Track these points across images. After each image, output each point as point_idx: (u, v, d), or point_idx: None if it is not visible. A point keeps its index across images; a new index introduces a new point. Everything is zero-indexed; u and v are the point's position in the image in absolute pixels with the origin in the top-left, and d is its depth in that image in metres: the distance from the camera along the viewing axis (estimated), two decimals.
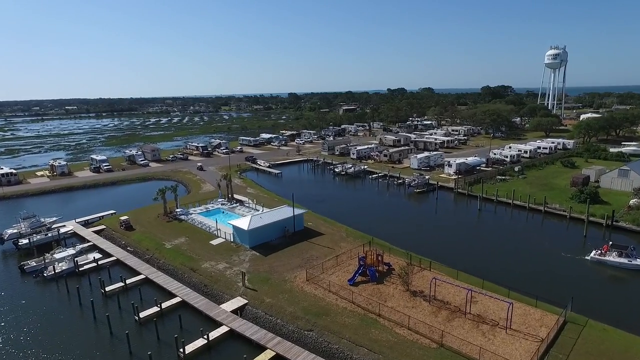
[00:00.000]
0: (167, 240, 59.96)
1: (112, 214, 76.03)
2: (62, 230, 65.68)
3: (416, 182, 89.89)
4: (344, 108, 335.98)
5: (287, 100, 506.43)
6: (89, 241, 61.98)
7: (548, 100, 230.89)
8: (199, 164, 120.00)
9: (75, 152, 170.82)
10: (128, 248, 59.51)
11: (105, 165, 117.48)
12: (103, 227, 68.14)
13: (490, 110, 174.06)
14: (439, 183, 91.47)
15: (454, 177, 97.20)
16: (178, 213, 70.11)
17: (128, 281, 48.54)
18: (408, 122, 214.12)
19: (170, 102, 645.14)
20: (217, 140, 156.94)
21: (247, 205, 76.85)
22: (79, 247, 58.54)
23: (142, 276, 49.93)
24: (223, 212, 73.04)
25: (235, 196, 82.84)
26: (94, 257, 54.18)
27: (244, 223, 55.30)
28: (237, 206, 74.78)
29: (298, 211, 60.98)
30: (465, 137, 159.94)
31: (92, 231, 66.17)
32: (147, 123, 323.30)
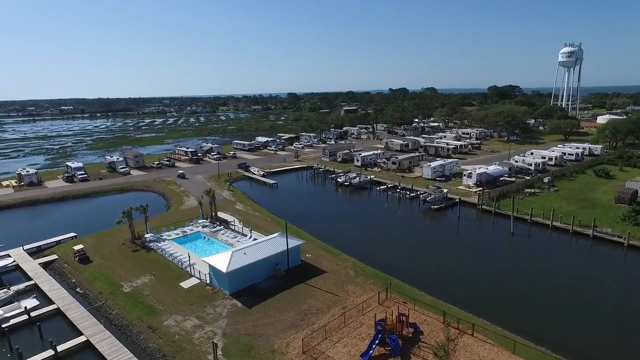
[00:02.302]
0: (127, 279, 47.28)
1: (72, 237, 63.48)
2: (1, 262, 52.98)
3: (433, 196, 77.14)
4: (345, 108, 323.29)
5: (287, 101, 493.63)
6: (30, 278, 49.25)
7: (560, 101, 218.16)
8: (181, 171, 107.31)
9: (56, 156, 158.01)
10: (77, 290, 46.82)
11: (80, 174, 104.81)
12: (55, 257, 55.49)
13: (504, 112, 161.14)
14: (457, 197, 79.03)
15: (474, 189, 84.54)
16: (147, 239, 57.39)
17: (61, 347, 35.77)
18: (414, 124, 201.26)
19: (167, 102, 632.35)
20: (209, 144, 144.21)
21: (233, 226, 64.23)
22: (14, 289, 45.87)
23: (82, 338, 37.14)
24: (204, 237, 60.36)
25: (221, 214, 70.15)
26: (25, 307, 41.41)
27: (222, 262, 42.56)
28: (220, 229, 62.03)
29: (293, 242, 48.28)
30: (478, 141, 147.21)
31: (40, 263, 53.45)
32: (140, 124, 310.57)
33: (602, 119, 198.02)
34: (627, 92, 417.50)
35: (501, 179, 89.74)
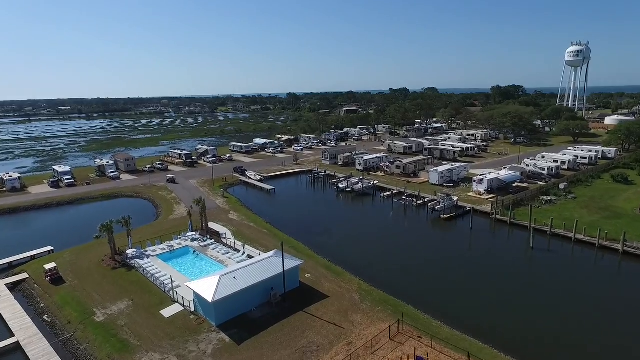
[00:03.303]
0: (101, 304, 41.59)
1: (49, 252, 57.89)
2: None
3: (442, 205, 71.47)
4: (345, 109, 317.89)
5: (286, 101, 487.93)
6: None
7: (567, 102, 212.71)
8: (170, 175, 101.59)
9: (46, 159, 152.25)
10: (45, 317, 41.12)
11: (67, 179, 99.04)
12: (25, 276, 49.80)
13: (511, 113, 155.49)
14: (469, 206, 73.45)
15: (486, 196, 78.92)
16: (129, 256, 51.68)
17: None
18: (417, 125, 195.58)
19: (166, 102, 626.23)
20: (205, 146, 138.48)
21: (225, 239, 58.61)
22: None
23: None
24: (192, 252, 54.67)
25: (213, 225, 64.53)
26: None
27: (207, 289, 36.81)
28: (211, 243, 56.30)
29: (291, 262, 42.58)
30: (484, 144, 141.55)
31: (7, 284, 47.75)
32: (137, 125, 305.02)
33: (610, 120, 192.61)
34: (630, 92, 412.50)
35: (514, 185, 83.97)
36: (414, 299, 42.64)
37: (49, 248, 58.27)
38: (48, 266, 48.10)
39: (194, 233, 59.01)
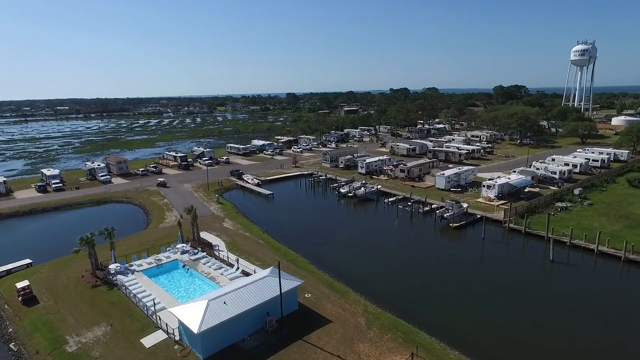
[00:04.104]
0: (76, 330, 36.98)
1: (27, 265, 53.28)
2: None
3: (451, 212, 66.89)
4: (345, 109, 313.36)
5: (286, 101, 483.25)
6: None
7: (572, 102, 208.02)
8: (161, 179, 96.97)
9: (38, 161, 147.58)
10: (11, 346, 36.51)
11: (55, 183, 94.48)
12: None
13: (517, 114, 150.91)
14: (479, 213, 69.00)
15: (496, 203, 74.37)
16: (112, 272, 47.06)
17: None
18: (419, 126, 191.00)
19: (165, 102, 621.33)
20: (201, 148, 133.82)
21: (218, 251, 54.08)
22: None
23: None
24: (182, 266, 50.06)
25: (205, 235, 60.02)
26: None
27: (193, 317, 32.21)
28: (202, 257, 51.69)
29: (289, 282, 37.97)
30: (490, 145, 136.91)
31: None
32: (134, 125, 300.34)
33: (617, 121, 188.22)
34: (633, 92, 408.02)
35: (525, 190, 79.38)
36: (426, 322, 38.14)
37: (27, 261, 53.62)
38: (20, 284, 43.46)
39: (184, 245, 54.38)
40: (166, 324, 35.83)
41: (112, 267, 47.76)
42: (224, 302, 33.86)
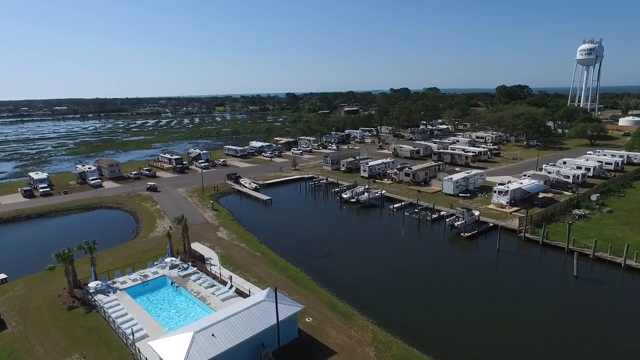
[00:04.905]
0: None
1: (1, 281, 48.79)
2: None
3: (463, 221, 62.35)
4: (346, 109, 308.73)
5: (285, 101, 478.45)
6: None
7: (577, 102, 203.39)
8: (151, 183, 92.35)
9: (29, 163, 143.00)
10: None
11: (42, 187, 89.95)
12: None
13: (524, 114, 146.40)
14: (492, 221, 64.55)
15: (509, 209, 69.86)
16: (91, 290, 42.48)
17: None
18: (422, 127, 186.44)
19: (163, 102, 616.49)
20: (197, 150, 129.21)
21: (210, 264, 49.60)
22: None
23: None
24: (170, 283, 45.48)
25: (197, 246, 55.55)
26: None
27: (175, 355, 27.61)
28: (193, 272, 47.08)
29: (288, 308, 33.40)
30: (496, 147, 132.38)
31: None
32: (131, 126, 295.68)
33: (624, 121, 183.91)
34: (635, 92, 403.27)
35: (540, 196, 74.85)
36: (443, 351, 33.60)
37: (2, 276, 49.17)
38: None
39: (174, 259, 49.77)
40: (146, 358, 31.24)
41: (92, 285, 43.18)
42: (212, 334, 29.29)
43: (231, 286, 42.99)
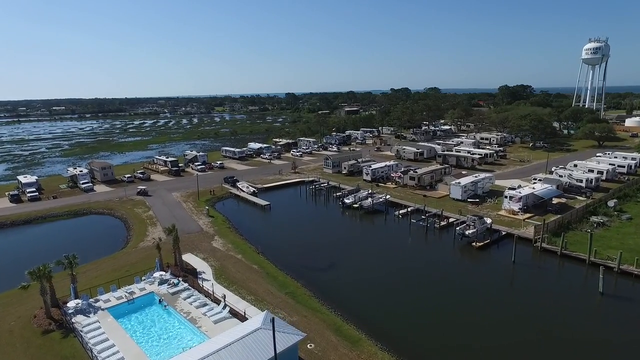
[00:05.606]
0: None
1: None
2: None
3: (474, 229, 58.40)
4: (346, 109, 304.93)
5: (285, 101, 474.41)
6: None
7: (582, 102, 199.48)
8: (142, 187, 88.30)
9: (21, 165, 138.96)
10: None
11: (30, 192, 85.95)
12: None
13: (530, 115, 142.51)
14: (504, 229, 60.63)
15: (521, 216, 65.93)
16: (70, 311, 38.48)
17: None
18: (424, 128, 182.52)
19: (162, 102, 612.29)
20: (194, 152, 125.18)
21: (202, 279, 45.65)
22: None
23: None
24: (159, 301, 41.46)
25: (189, 258, 51.64)
26: None
27: None
28: (184, 289, 43.09)
29: (287, 338, 29.42)
30: (502, 149, 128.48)
31: None
32: (129, 126, 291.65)
33: (631, 122, 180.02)
34: (637, 92, 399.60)
35: (554, 202, 70.93)
36: None
37: None
38: None
39: (163, 273, 45.79)
40: None
41: (72, 304, 39.17)
42: None
43: (225, 306, 39.01)
